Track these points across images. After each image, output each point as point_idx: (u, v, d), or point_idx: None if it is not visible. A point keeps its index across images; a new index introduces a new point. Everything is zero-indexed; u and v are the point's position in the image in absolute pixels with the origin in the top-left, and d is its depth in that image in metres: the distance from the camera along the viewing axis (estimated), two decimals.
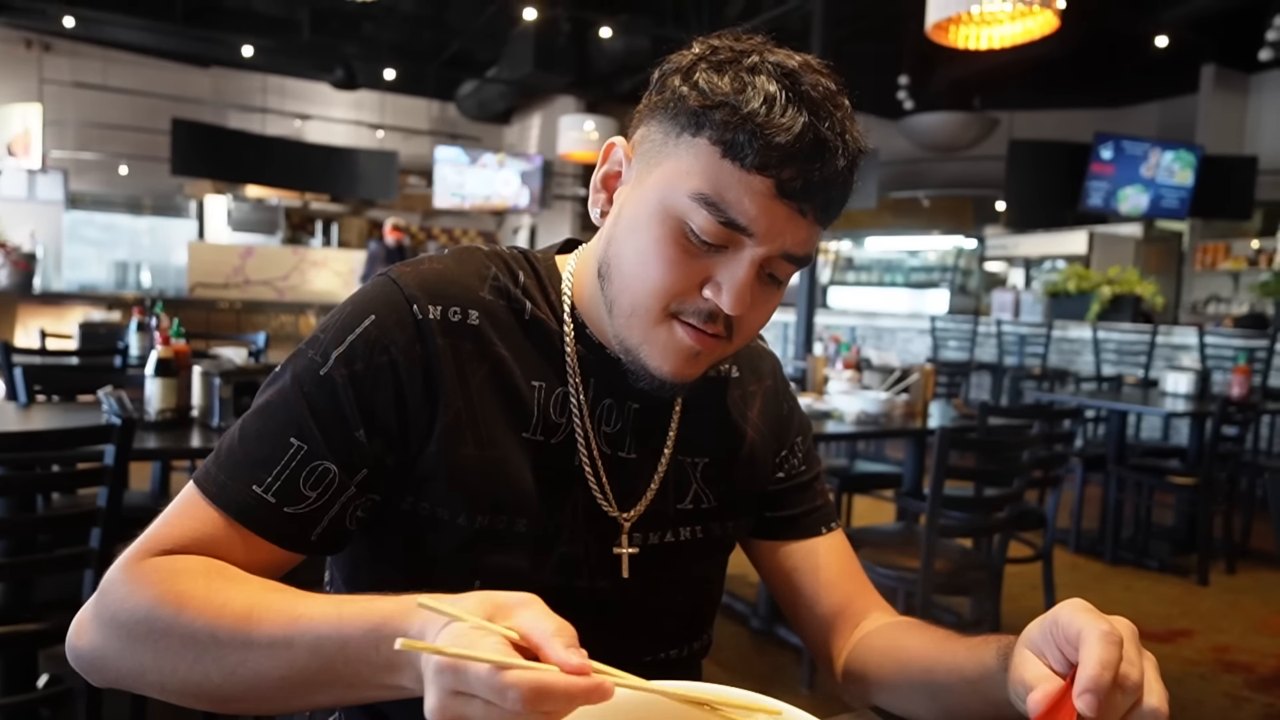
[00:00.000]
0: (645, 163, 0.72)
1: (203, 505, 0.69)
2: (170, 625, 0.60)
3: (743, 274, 0.69)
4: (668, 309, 0.71)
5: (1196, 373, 4.45)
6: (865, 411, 2.97)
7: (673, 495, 0.82)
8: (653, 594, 0.81)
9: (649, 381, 0.74)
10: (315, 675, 0.57)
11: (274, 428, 0.71)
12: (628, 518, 0.80)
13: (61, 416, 2.36)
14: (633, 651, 0.80)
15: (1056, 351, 6.98)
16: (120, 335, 4.01)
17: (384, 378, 0.72)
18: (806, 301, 5.93)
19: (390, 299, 0.74)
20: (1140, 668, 0.55)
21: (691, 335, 0.71)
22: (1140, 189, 8.16)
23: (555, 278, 0.82)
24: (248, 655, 0.58)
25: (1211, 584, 3.93)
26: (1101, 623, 0.56)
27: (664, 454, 0.82)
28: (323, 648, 0.56)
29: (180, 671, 0.60)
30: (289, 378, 0.72)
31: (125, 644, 0.62)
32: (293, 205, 11.39)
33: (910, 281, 11.19)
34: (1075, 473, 4.30)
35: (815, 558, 0.89)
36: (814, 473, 0.94)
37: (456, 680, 0.47)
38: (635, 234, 0.71)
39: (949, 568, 2.49)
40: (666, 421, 0.83)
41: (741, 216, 0.67)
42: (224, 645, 0.59)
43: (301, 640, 0.57)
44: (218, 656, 0.59)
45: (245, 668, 0.58)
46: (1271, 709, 2.71)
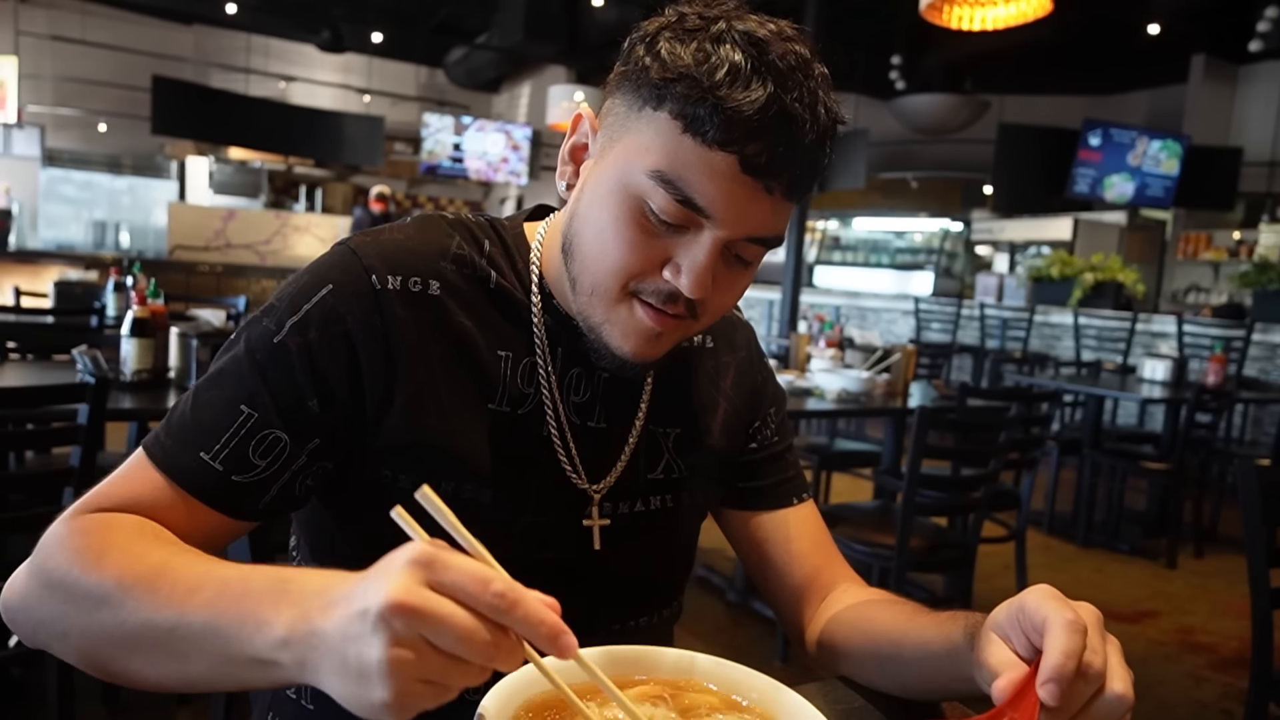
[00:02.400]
0: (609, 136, 0.70)
1: (149, 469, 0.68)
2: (83, 575, 0.59)
3: (703, 257, 0.67)
4: (627, 288, 0.70)
5: (1174, 360, 4.51)
6: (846, 390, 2.99)
7: (644, 465, 0.82)
8: (623, 563, 0.81)
9: (611, 360, 0.73)
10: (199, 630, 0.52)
11: (225, 395, 0.69)
12: (598, 489, 0.79)
13: (35, 374, 2.33)
14: (603, 619, 0.80)
15: (1038, 336, 7.04)
16: (97, 295, 3.95)
17: (338, 347, 0.70)
18: (791, 280, 5.94)
19: (348, 269, 0.72)
20: (1104, 655, 0.55)
21: (652, 316, 0.70)
22: (1126, 177, 8.20)
23: (523, 247, 0.81)
24: (144, 603, 0.55)
25: (1180, 567, 4.00)
26: (1067, 611, 0.56)
27: (635, 424, 0.82)
28: (223, 594, 0.53)
29: (81, 621, 0.58)
30: (243, 345, 0.71)
31: (45, 593, 0.61)
32: (276, 169, 11.22)
33: (896, 263, 11.21)
34: (1051, 455, 4.35)
35: (786, 528, 0.89)
36: (786, 443, 0.94)
37: (434, 570, 0.44)
38: (596, 212, 0.69)
39: (924, 545, 2.51)
40: (638, 391, 0.83)
41: (700, 197, 0.65)
42: (127, 592, 0.56)
43: (205, 587, 0.54)
44: (119, 604, 0.56)
45: (136, 616, 0.55)
46: (1231, 688, 2.78)
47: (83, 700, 1.86)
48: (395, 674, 0.43)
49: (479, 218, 0.82)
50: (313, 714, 0.79)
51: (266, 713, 0.83)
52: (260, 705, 0.85)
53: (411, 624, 0.43)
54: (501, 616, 0.44)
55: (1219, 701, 2.70)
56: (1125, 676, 0.55)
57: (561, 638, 0.45)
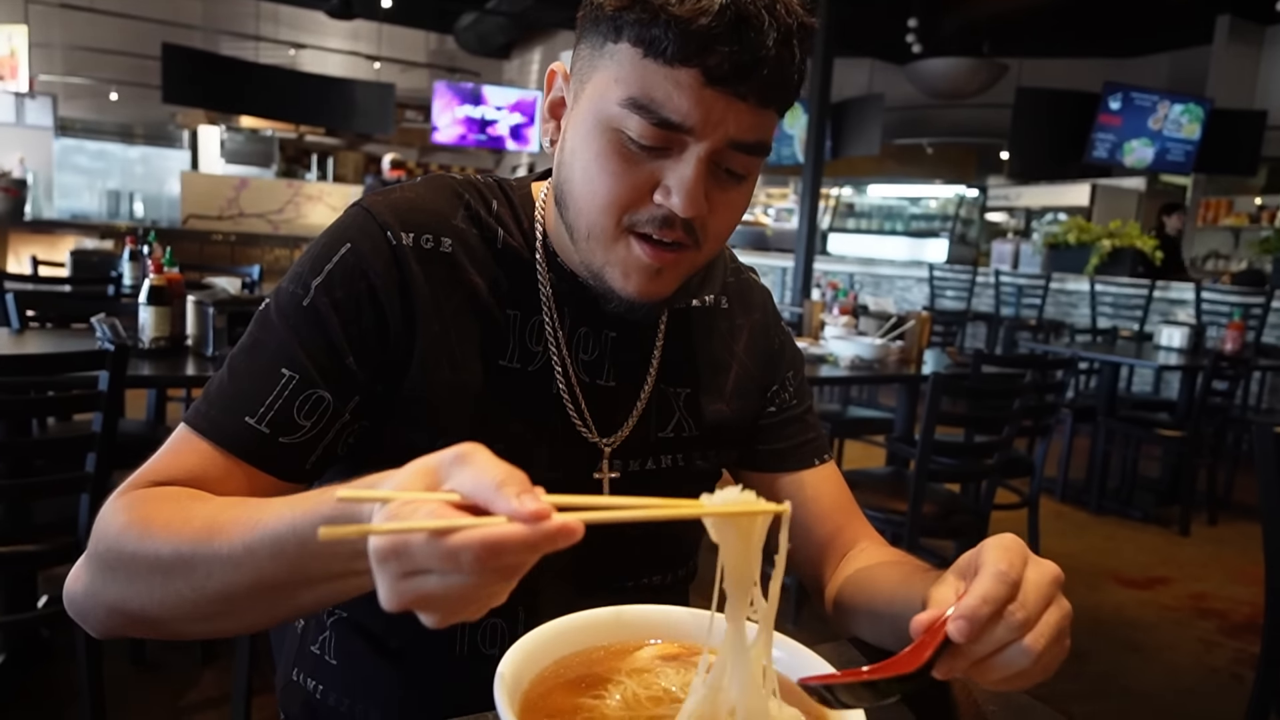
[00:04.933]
0: (579, 81, 0.71)
1: (194, 440, 0.68)
2: (137, 549, 0.59)
3: (690, 173, 0.66)
4: (621, 224, 0.70)
5: (1191, 328, 4.46)
6: (860, 357, 2.98)
7: (655, 423, 0.83)
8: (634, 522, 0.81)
9: (618, 303, 0.73)
10: (285, 578, 0.53)
11: (263, 361, 0.70)
12: (608, 443, 0.80)
13: (55, 342, 2.36)
14: (615, 576, 0.82)
15: (1053, 303, 6.97)
16: (113, 264, 3.97)
17: (365, 304, 0.72)
18: (805, 247, 5.89)
19: (364, 227, 0.74)
20: (1035, 612, 0.54)
21: (649, 252, 0.70)
22: (1146, 142, 8.05)
23: (529, 206, 0.81)
24: (213, 569, 0.55)
25: (1193, 535, 4.00)
26: (1003, 561, 0.55)
27: (646, 382, 0.83)
28: (283, 550, 0.52)
29: (156, 594, 0.58)
30: (273, 312, 0.72)
31: (106, 575, 0.61)
32: (287, 137, 11.18)
33: (910, 230, 11.10)
34: (1065, 423, 4.34)
35: (807, 490, 0.90)
36: (805, 406, 0.94)
37: (401, 562, 0.42)
38: (579, 154, 0.70)
39: (936, 512, 2.52)
40: (649, 350, 0.83)
41: (674, 114, 0.65)
42: (189, 562, 0.56)
43: (261, 547, 0.53)
44: (185, 574, 0.57)
45: (214, 580, 0.56)
46: (1242, 654, 2.79)
47: (110, 658, 1.91)
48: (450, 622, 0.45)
49: (487, 178, 0.83)
50: (336, 669, 0.81)
51: (291, 669, 0.85)
52: (285, 661, 0.87)
53: (422, 608, 0.44)
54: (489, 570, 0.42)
55: (1230, 666, 2.71)
56: (1048, 637, 0.54)
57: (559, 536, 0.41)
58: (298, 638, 0.85)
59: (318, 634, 0.82)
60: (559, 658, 0.58)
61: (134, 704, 2.03)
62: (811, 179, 5.87)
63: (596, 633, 0.61)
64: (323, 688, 0.81)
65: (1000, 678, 0.54)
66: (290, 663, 0.85)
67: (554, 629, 0.58)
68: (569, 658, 0.58)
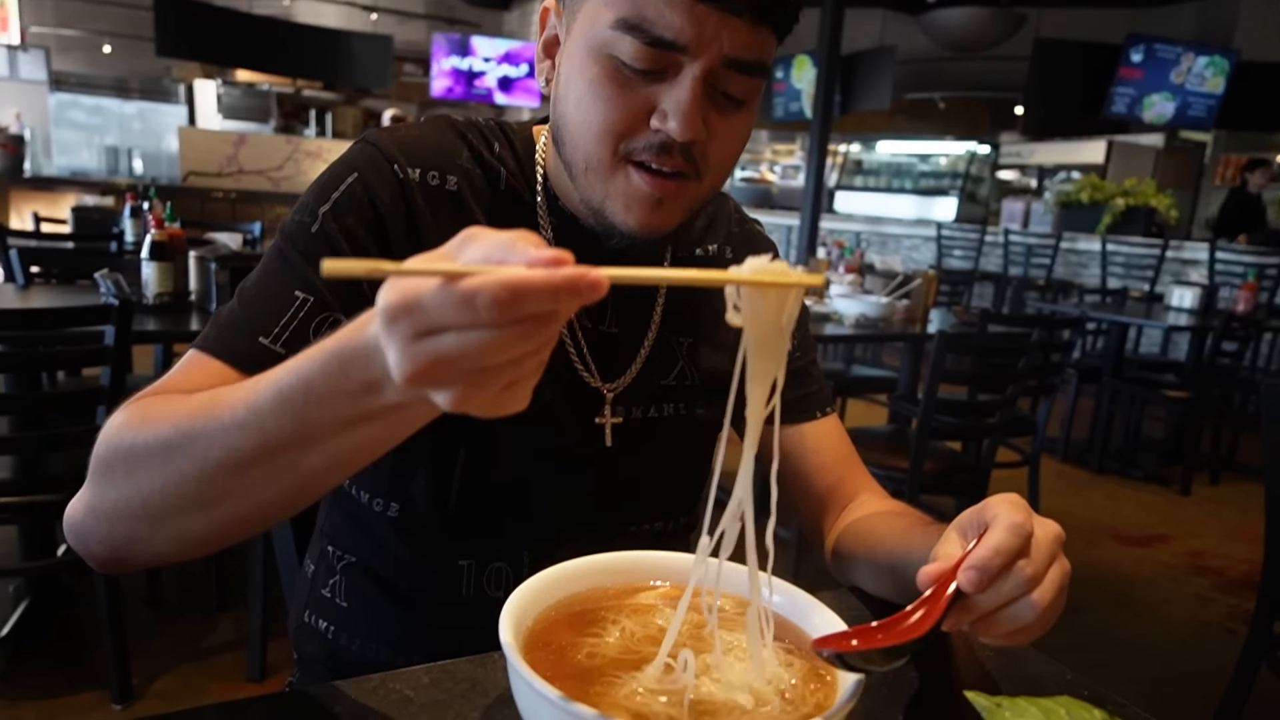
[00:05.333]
0: (570, 13, 0.70)
1: (204, 360, 0.67)
2: (135, 437, 0.56)
3: (686, 94, 0.65)
4: (618, 153, 0.69)
5: (1203, 288, 4.43)
6: (865, 315, 2.98)
7: (658, 371, 0.83)
8: (635, 464, 0.83)
9: (619, 239, 0.72)
10: (292, 433, 0.49)
11: (275, 286, 0.70)
12: (611, 388, 0.81)
13: (60, 297, 2.36)
14: (618, 521, 0.83)
15: (1063, 263, 6.92)
16: (114, 220, 3.96)
17: (373, 231, 0.72)
18: (811, 205, 5.84)
19: (371, 159, 0.74)
20: (1042, 569, 0.54)
21: (649, 181, 0.69)
22: (1167, 96, 7.88)
23: (530, 149, 0.81)
24: (214, 437, 0.51)
25: (1194, 494, 4.03)
26: (1017, 514, 0.54)
27: (650, 330, 0.83)
28: (289, 398, 0.48)
29: (157, 481, 0.54)
30: (282, 242, 0.72)
31: (106, 480, 0.57)
32: (284, 92, 11.05)
33: (919, 188, 10.98)
34: (1070, 383, 4.34)
35: (808, 442, 0.91)
36: (809, 359, 0.94)
37: (413, 318, 0.38)
38: (572, 84, 0.69)
39: (937, 469, 2.54)
40: (652, 299, 0.84)
41: (667, 31, 0.63)
42: (189, 436, 0.52)
43: (264, 401, 0.49)
44: (186, 450, 0.52)
45: (215, 450, 0.51)
46: (1237, 609, 2.83)
47: (130, 604, 1.96)
48: (473, 404, 0.41)
49: (489, 121, 0.82)
50: (346, 610, 0.82)
51: (303, 611, 0.87)
52: (297, 605, 0.88)
53: (442, 378, 0.39)
54: (510, 320, 0.38)
55: (1224, 621, 2.75)
56: (1052, 595, 0.54)
57: (583, 283, 0.37)
58: (309, 582, 0.87)
59: (328, 578, 0.84)
60: (563, 597, 0.59)
61: (154, 647, 2.08)
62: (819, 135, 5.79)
63: (600, 575, 0.62)
64: (334, 628, 0.83)
65: (1005, 632, 0.54)
66: (302, 606, 0.87)
67: (558, 571, 0.59)
68: (572, 597, 0.59)
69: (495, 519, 0.79)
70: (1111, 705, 0.62)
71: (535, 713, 0.47)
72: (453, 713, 0.54)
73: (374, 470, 0.79)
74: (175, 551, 0.58)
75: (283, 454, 0.50)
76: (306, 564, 0.89)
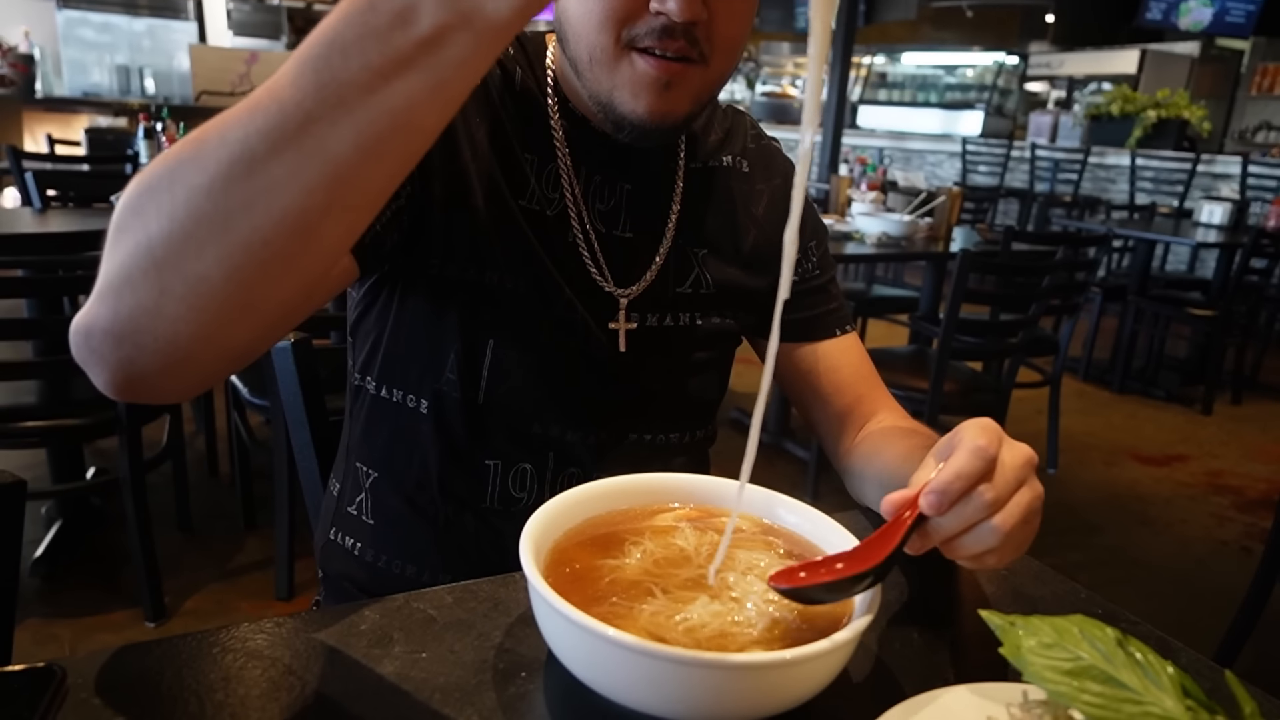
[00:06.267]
0: None
1: None
2: (152, 173, 0.46)
3: None
4: (621, 40, 0.69)
5: (1234, 203, 4.30)
6: (887, 234, 2.92)
7: (673, 279, 0.83)
8: (650, 372, 0.83)
9: (630, 130, 0.72)
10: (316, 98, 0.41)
11: None
12: (625, 294, 0.81)
13: (79, 220, 2.36)
14: (636, 428, 0.84)
15: (1091, 179, 6.73)
16: (128, 142, 3.93)
17: None
18: (834, 121, 5.67)
19: None
20: (1006, 493, 0.53)
21: (654, 64, 0.69)
22: (1205, 1, 7.52)
23: (541, 52, 0.81)
24: (229, 128, 0.44)
25: (1215, 414, 4.01)
26: (980, 438, 0.53)
27: (665, 237, 0.83)
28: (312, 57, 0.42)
29: (165, 206, 0.45)
30: None
31: (115, 242, 0.47)
32: (295, 5, 10.74)
33: (944, 101, 10.61)
34: (1094, 302, 4.28)
35: (827, 359, 0.90)
36: (828, 276, 0.93)
37: None
38: None
39: (957, 389, 2.53)
40: (667, 205, 0.83)
41: None
42: (200, 143, 0.44)
43: (286, 71, 0.43)
44: (197, 155, 0.44)
45: (227, 145, 0.43)
46: (1253, 528, 2.84)
47: (159, 526, 2.02)
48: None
49: None
50: (372, 527, 0.84)
51: (329, 529, 0.89)
52: (323, 523, 0.91)
53: None
54: None
55: (1240, 539, 2.77)
56: (1016, 518, 0.53)
57: None
58: (334, 501, 0.89)
59: (355, 495, 0.86)
60: (582, 520, 0.59)
61: (184, 567, 2.16)
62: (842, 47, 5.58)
63: (619, 497, 0.62)
64: (360, 545, 0.85)
65: (969, 554, 0.54)
66: (328, 524, 0.89)
67: (577, 494, 0.60)
68: (593, 519, 0.60)
69: (522, 418, 0.80)
70: (1124, 623, 0.62)
71: (555, 631, 0.48)
72: (475, 631, 0.55)
73: (405, 365, 0.80)
74: (190, 324, 0.46)
75: (305, 132, 0.42)
76: (332, 483, 0.91)
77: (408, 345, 0.80)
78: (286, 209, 0.44)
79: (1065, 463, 3.20)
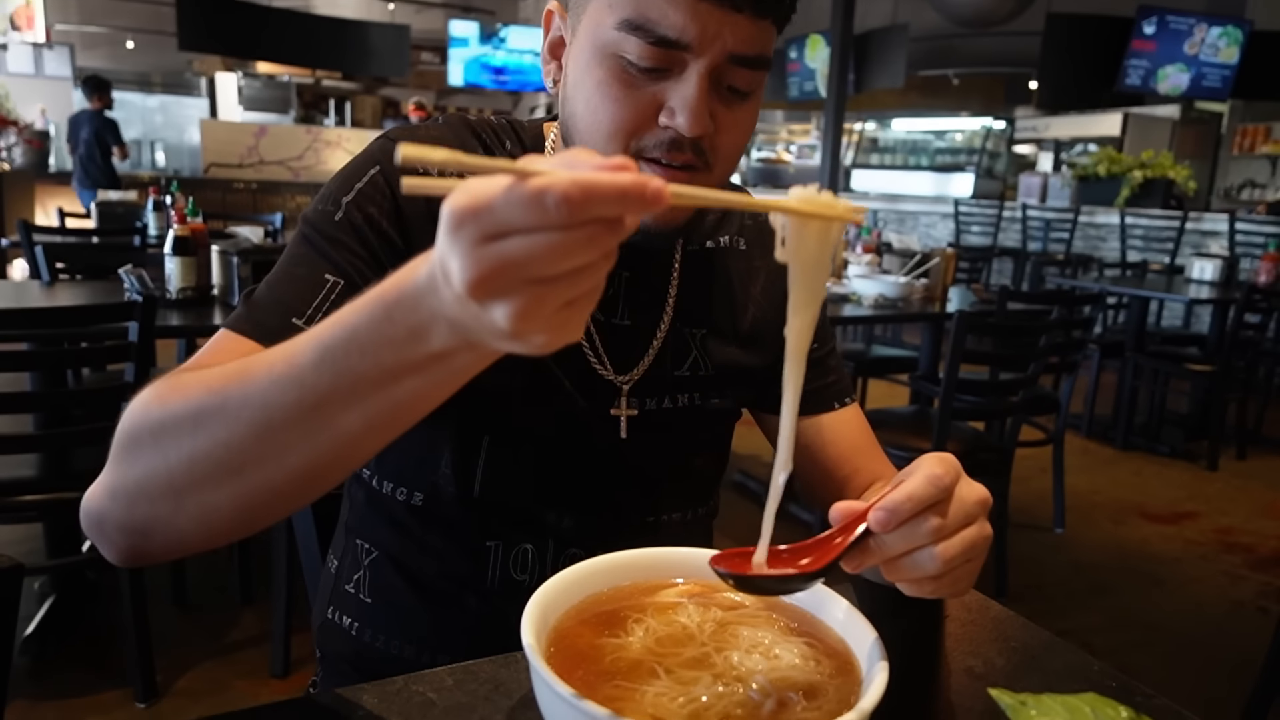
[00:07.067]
0: (574, 15, 0.71)
1: (236, 339, 0.67)
2: (164, 409, 0.53)
3: (693, 91, 0.66)
4: (629, 150, 0.70)
5: (1224, 260, 4.35)
6: (884, 295, 2.95)
7: (671, 362, 0.84)
8: (652, 456, 0.83)
9: (634, 232, 0.72)
10: (331, 387, 0.47)
11: (305, 270, 0.70)
12: (624, 380, 0.81)
13: (86, 294, 2.39)
14: (637, 511, 0.83)
15: (1082, 237, 6.83)
16: (138, 214, 4.00)
17: (394, 221, 0.73)
18: (827, 184, 5.79)
19: (392, 154, 0.75)
20: (954, 525, 0.54)
21: (661, 174, 0.69)
22: (1181, 67, 7.74)
23: (540, 146, 0.82)
24: (251, 395, 0.50)
25: (1221, 469, 3.98)
26: (938, 469, 0.54)
27: (663, 322, 0.83)
28: (331, 349, 0.47)
29: (185, 448, 0.52)
30: (306, 229, 0.73)
31: (133, 455, 0.55)
32: (304, 82, 11.10)
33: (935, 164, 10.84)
34: (1092, 359, 4.29)
35: (826, 434, 0.90)
36: (827, 348, 0.93)
37: (479, 222, 0.38)
38: (580, 86, 0.70)
39: (960, 450, 2.52)
40: (664, 290, 0.84)
41: (670, 30, 0.65)
42: (224, 397, 0.51)
43: (305, 354, 0.48)
44: (219, 411, 0.51)
45: (249, 408, 0.49)
46: (1269, 587, 2.79)
47: (154, 600, 1.99)
48: (530, 326, 0.40)
49: (500, 119, 0.84)
50: (371, 606, 0.83)
51: (326, 607, 0.87)
52: (321, 601, 0.89)
53: (504, 286, 0.39)
54: (578, 220, 0.37)
55: (1256, 599, 2.72)
56: (956, 549, 0.54)
57: (648, 191, 0.38)
58: (333, 578, 0.87)
59: (353, 573, 0.85)
60: (584, 597, 0.59)
61: (178, 643, 2.11)
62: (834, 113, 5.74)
63: (621, 573, 0.62)
64: (358, 625, 0.84)
65: (908, 578, 0.55)
66: (326, 602, 0.88)
67: (579, 570, 0.59)
68: (594, 597, 0.59)
69: (520, 505, 0.79)
70: (1140, 697, 0.61)
71: (556, 715, 0.47)
72: (477, 715, 0.54)
73: (398, 460, 0.80)
74: (198, 535, 0.55)
75: (320, 412, 0.48)
76: (330, 560, 0.90)
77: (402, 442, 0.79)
78: (295, 467, 0.51)
79: (1072, 521, 3.16)
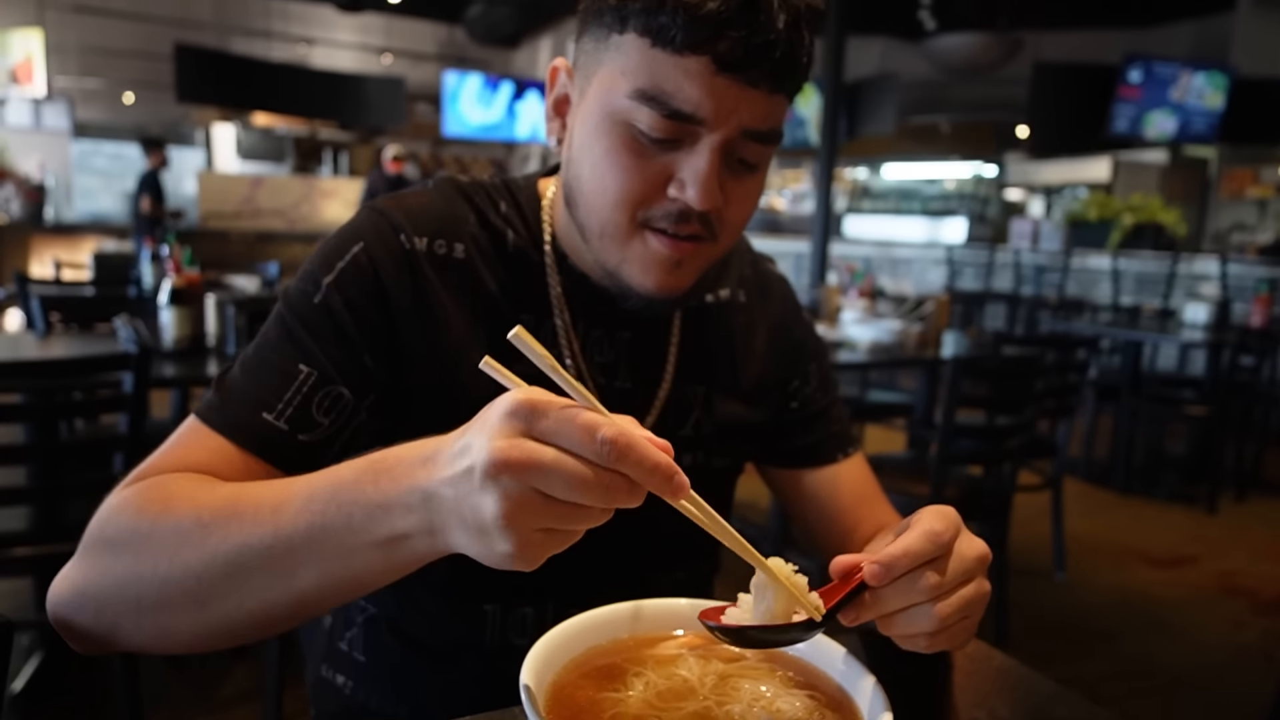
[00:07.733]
0: (584, 76, 0.70)
1: (205, 434, 0.66)
2: (155, 522, 0.56)
3: (704, 165, 0.65)
4: (636, 219, 0.69)
5: (1216, 302, 4.39)
6: (878, 341, 2.96)
7: (673, 422, 0.82)
8: (655, 519, 0.81)
9: (636, 300, 0.72)
10: (305, 536, 0.50)
11: (278, 358, 0.69)
12: None
13: (80, 345, 2.39)
14: (639, 571, 0.82)
15: (1074, 281, 6.89)
16: (133, 265, 4.02)
17: (377, 303, 0.72)
18: (821, 231, 5.85)
19: (377, 227, 0.74)
20: (952, 583, 0.53)
21: (667, 244, 0.69)
22: (1168, 113, 7.91)
23: (535, 205, 0.81)
24: (232, 532, 0.53)
25: (1220, 512, 3.95)
26: (937, 524, 0.54)
27: (663, 382, 0.82)
28: (314, 498, 0.50)
29: (161, 571, 0.54)
30: (286, 310, 0.72)
31: (108, 560, 0.57)
32: (300, 134, 11.24)
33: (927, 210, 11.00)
34: (1088, 402, 4.29)
35: (829, 486, 0.89)
36: (830, 399, 0.93)
37: (533, 419, 0.42)
38: (587, 150, 0.69)
39: (958, 495, 2.51)
40: (664, 349, 0.83)
41: (685, 104, 0.63)
42: (207, 526, 0.54)
43: (292, 499, 0.51)
44: (200, 540, 0.53)
45: (227, 544, 0.52)
46: (1272, 632, 2.76)
47: (143, 656, 1.94)
48: (513, 527, 0.42)
49: (494, 179, 0.83)
50: (364, 665, 0.81)
51: (320, 665, 0.86)
52: (314, 658, 0.88)
53: (519, 478, 0.41)
54: (612, 463, 0.42)
55: (1260, 644, 2.68)
56: (953, 608, 0.53)
57: (676, 478, 0.43)
58: (326, 634, 0.86)
59: (346, 630, 0.83)
60: (584, 650, 0.58)
61: (168, 699, 2.07)
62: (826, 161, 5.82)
63: (621, 626, 0.61)
64: (352, 684, 0.82)
65: (902, 634, 0.54)
66: (319, 659, 0.86)
67: (578, 623, 0.58)
68: (594, 650, 0.58)
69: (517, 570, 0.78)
70: None
71: None
72: None
73: None
74: (156, 647, 0.58)
75: (286, 560, 0.51)
76: (324, 616, 0.88)
77: None
78: (252, 610, 0.53)
79: (1073, 566, 3.13)
